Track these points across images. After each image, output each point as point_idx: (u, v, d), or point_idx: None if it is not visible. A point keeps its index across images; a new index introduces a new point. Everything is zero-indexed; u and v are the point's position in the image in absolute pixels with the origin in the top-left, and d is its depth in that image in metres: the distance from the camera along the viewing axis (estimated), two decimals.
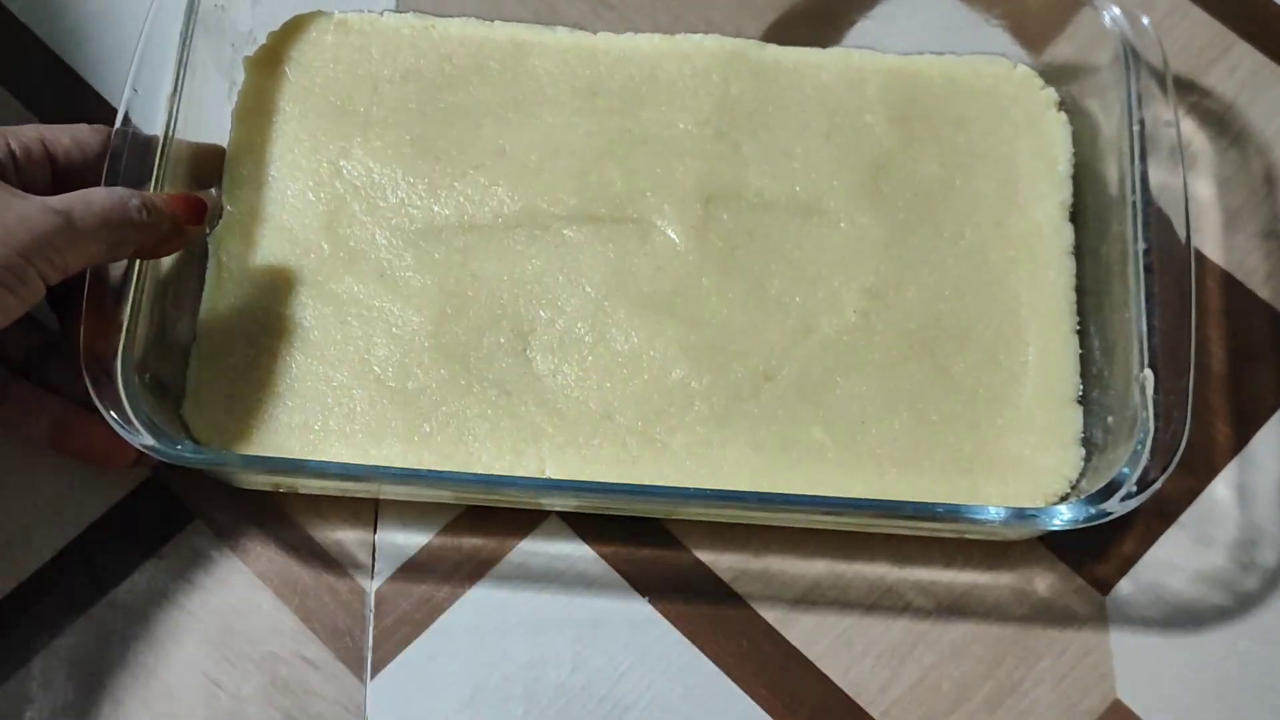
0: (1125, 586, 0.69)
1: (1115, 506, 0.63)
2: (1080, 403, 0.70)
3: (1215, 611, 0.69)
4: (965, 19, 0.77)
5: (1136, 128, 0.70)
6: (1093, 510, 0.63)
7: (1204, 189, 0.77)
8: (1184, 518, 0.71)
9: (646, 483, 0.67)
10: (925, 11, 0.78)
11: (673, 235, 0.72)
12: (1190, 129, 0.78)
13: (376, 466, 0.67)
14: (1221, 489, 0.71)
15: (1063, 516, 0.63)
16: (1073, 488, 0.68)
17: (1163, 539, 0.70)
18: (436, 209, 0.73)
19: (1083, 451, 0.69)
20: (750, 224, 0.73)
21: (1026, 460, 0.69)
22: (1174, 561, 0.70)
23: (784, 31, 0.78)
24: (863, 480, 0.68)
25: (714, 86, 0.76)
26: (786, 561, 0.70)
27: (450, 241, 0.72)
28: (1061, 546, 0.70)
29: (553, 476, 0.68)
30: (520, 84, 0.76)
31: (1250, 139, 0.78)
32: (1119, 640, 0.68)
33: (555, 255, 0.72)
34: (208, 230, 0.71)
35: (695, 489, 0.66)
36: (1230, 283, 0.76)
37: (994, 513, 0.64)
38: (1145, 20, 0.71)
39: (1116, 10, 0.71)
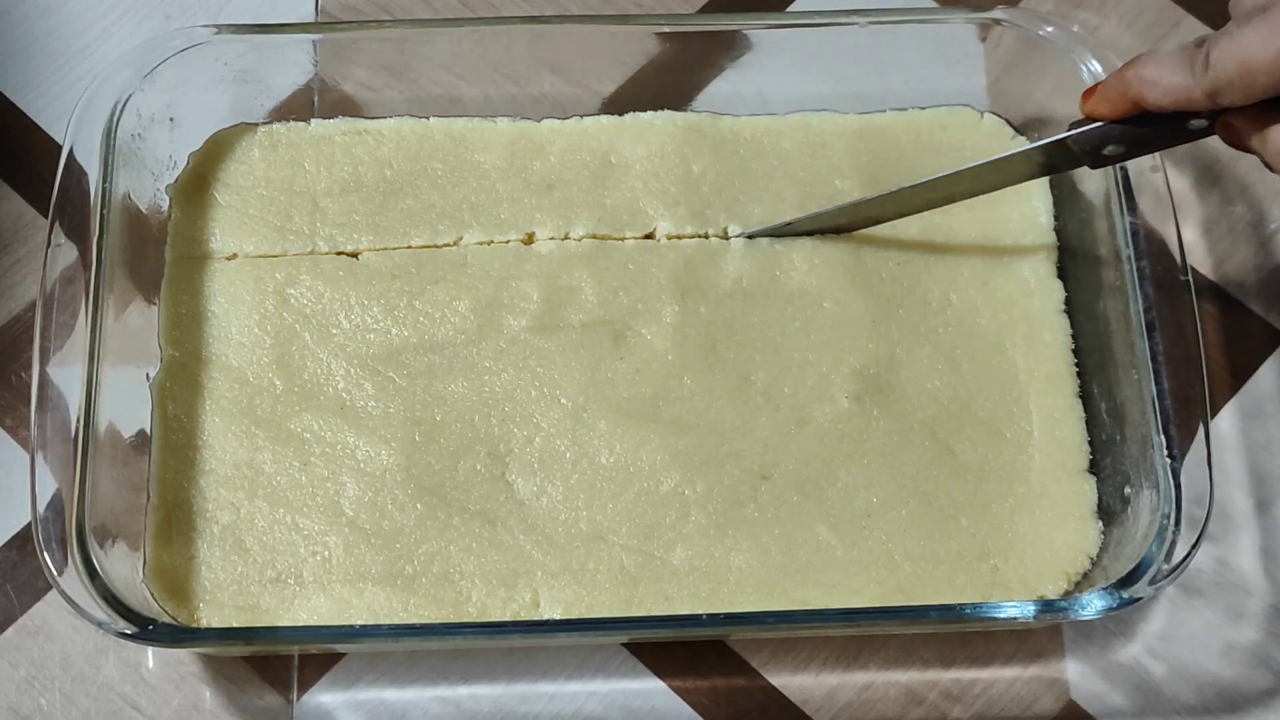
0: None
1: (1145, 590, 0.60)
2: (1091, 471, 0.67)
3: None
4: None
5: (1120, 177, 0.66)
6: (1124, 596, 0.60)
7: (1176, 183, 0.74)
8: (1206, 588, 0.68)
9: (649, 603, 0.64)
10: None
11: (648, 335, 0.68)
12: None
13: (366, 627, 0.62)
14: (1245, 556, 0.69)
15: (1094, 607, 0.60)
16: (1094, 563, 0.65)
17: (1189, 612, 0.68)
18: (394, 330, 0.68)
19: (1100, 524, 0.66)
20: (729, 314, 0.69)
21: (1044, 538, 0.65)
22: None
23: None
24: (877, 578, 0.65)
25: (674, 166, 0.72)
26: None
27: (412, 364, 0.68)
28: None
29: (547, 606, 0.64)
30: (469, 183, 0.71)
31: None
32: None
33: (525, 368, 0.68)
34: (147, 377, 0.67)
35: (705, 616, 0.63)
36: (1226, 300, 0.74)
37: (1022, 609, 0.60)
38: None
39: (1096, 65, 0.68)
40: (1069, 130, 0.61)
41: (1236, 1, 0.56)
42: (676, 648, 0.67)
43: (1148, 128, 0.60)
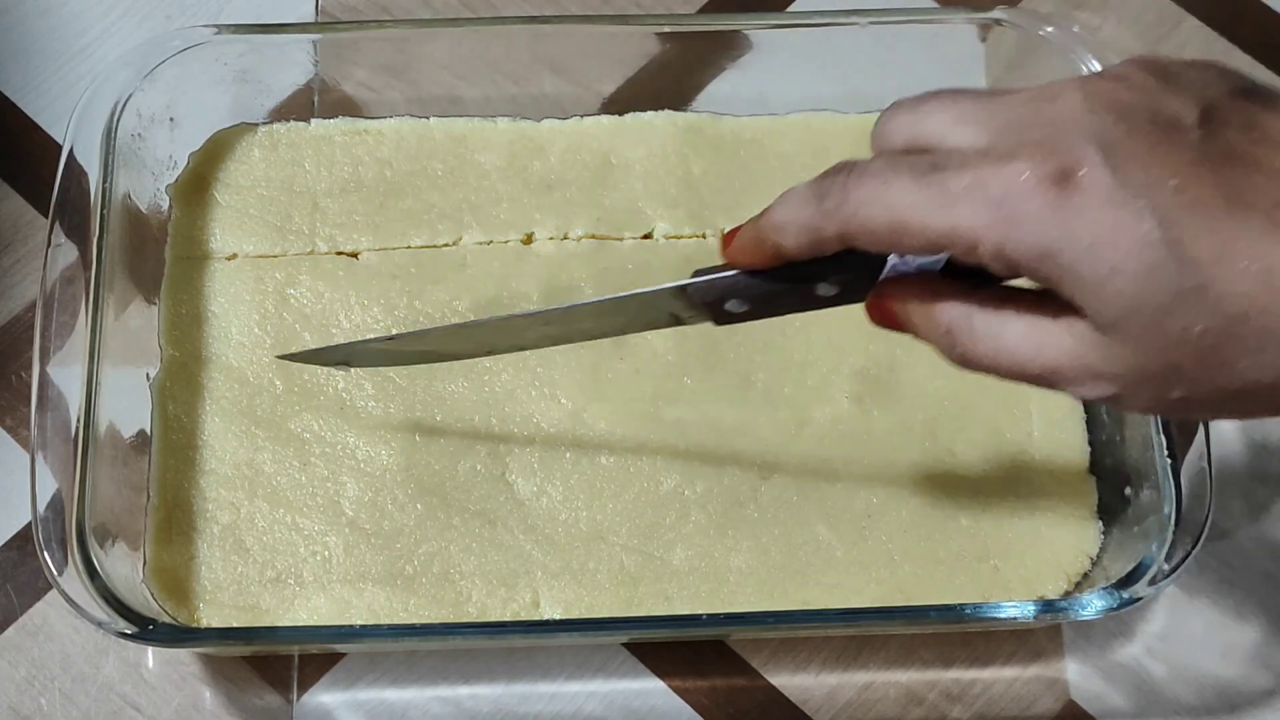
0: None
1: (1145, 590, 0.60)
2: (1091, 471, 0.67)
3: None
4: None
5: None
6: (1124, 596, 0.60)
7: None
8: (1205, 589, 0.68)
9: (649, 603, 0.64)
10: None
11: (648, 335, 0.68)
12: None
13: (366, 627, 0.62)
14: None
15: (1094, 607, 0.60)
16: (1094, 563, 0.65)
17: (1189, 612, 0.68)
18: (394, 330, 0.68)
19: (1100, 524, 0.66)
20: None
21: (1044, 538, 0.65)
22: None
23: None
24: (877, 578, 0.65)
25: (674, 167, 0.72)
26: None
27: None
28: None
29: (547, 606, 0.64)
30: (469, 183, 0.71)
31: None
32: None
33: (525, 368, 0.68)
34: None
35: (705, 616, 0.63)
36: None
37: (1022, 609, 0.60)
38: None
39: (1096, 65, 0.68)
40: (690, 277, 0.50)
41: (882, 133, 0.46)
42: (676, 648, 0.67)
43: (776, 284, 0.49)
